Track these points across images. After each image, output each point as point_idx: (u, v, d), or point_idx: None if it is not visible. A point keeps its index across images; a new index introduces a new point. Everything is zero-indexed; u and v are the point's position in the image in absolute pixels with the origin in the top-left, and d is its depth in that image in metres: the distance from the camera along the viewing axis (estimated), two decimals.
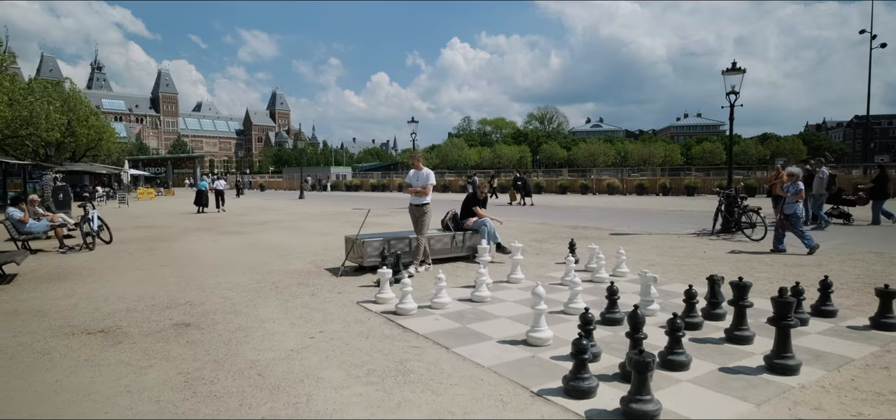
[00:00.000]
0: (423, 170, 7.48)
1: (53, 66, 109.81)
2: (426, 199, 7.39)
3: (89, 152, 42.78)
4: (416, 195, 7.42)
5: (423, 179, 7.42)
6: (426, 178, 7.42)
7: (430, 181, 7.41)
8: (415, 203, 7.47)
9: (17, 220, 9.79)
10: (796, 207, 8.56)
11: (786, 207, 8.65)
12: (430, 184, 7.41)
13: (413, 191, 7.45)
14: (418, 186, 7.41)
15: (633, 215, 17.71)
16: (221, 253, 9.63)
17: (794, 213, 8.57)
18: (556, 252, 9.28)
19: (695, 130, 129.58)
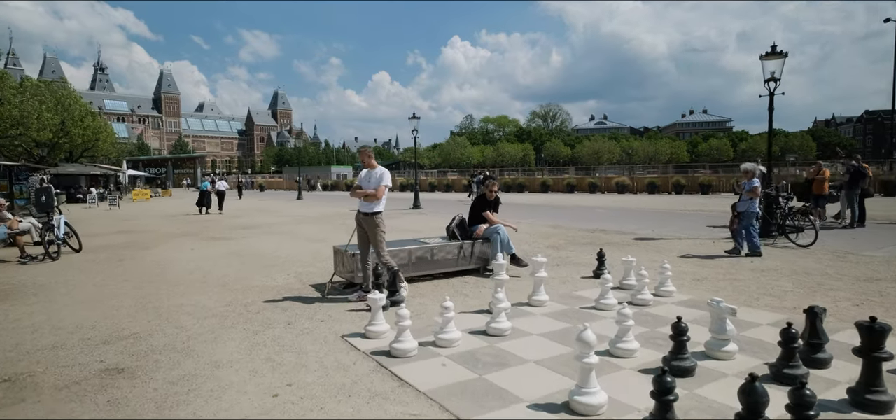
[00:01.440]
0: (377, 169, 5.85)
1: (56, 68, 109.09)
2: (378, 207, 5.70)
3: (87, 152, 41.79)
4: (366, 200, 5.70)
5: (375, 180, 5.78)
6: (379, 178, 5.76)
7: (383, 182, 5.74)
8: (363, 211, 5.73)
9: None
10: (751, 205, 8.17)
11: (739, 205, 8.27)
12: (384, 185, 5.74)
13: (361, 194, 5.73)
14: (369, 189, 5.75)
15: (651, 216, 16.49)
16: (197, 263, 8.50)
17: (748, 210, 8.17)
18: (580, 262, 8.10)
19: (701, 127, 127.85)
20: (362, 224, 5.78)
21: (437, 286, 6.50)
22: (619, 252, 8.96)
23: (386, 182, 5.78)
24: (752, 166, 8.60)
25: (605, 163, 77.44)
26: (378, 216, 5.70)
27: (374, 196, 5.67)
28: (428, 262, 6.74)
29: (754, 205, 8.24)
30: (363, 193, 5.72)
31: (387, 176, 5.83)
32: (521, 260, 7.10)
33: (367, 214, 5.71)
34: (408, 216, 18.00)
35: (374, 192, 5.68)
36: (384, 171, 5.83)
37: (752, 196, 8.20)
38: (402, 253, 6.55)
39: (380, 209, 5.72)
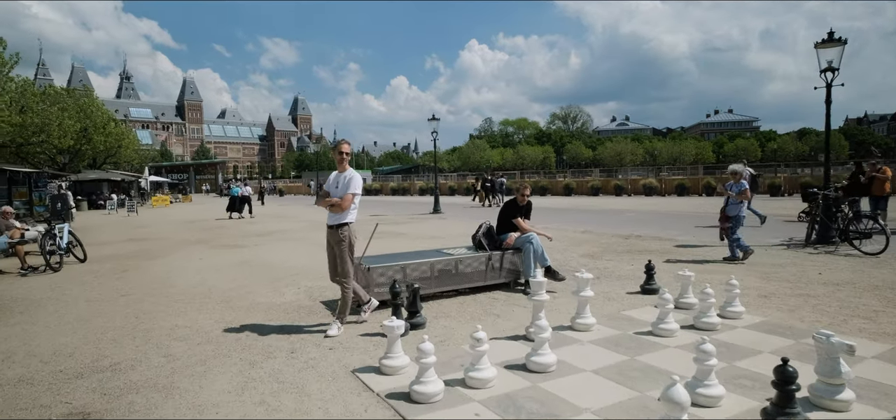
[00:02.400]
0: (347, 171, 4.79)
1: (83, 77, 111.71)
2: (346, 218, 4.69)
3: (110, 159, 42.17)
4: (331, 210, 4.74)
5: (343, 186, 4.74)
6: (348, 184, 4.73)
7: (351, 189, 4.70)
8: (329, 223, 4.79)
9: None
10: (740, 209, 7.84)
11: (729, 209, 7.89)
12: (352, 193, 4.69)
13: (327, 203, 4.73)
14: (336, 197, 4.72)
15: (686, 219, 15.48)
16: (203, 275, 7.90)
17: (737, 215, 7.82)
18: (622, 274, 7.26)
19: (726, 127, 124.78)
20: (330, 240, 4.82)
21: (463, 303, 5.75)
22: (662, 261, 8.09)
23: (354, 189, 4.72)
24: (740, 168, 8.22)
25: (628, 165, 75.82)
26: (344, 229, 4.71)
27: (340, 206, 4.70)
28: (452, 275, 6.00)
29: (743, 208, 7.96)
30: (328, 202, 4.73)
31: (357, 181, 4.80)
32: (557, 273, 6.31)
33: (334, 227, 4.75)
34: (428, 222, 17.29)
35: (340, 201, 4.71)
36: (355, 174, 4.83)
37: (742, 198, 7.88)
38: (423, 266, 5.81)
39: (348, 219, 4.76)
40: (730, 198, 7.95)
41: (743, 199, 7.91)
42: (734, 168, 8.24)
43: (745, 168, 8.48)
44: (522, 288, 6.28)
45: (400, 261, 5.82)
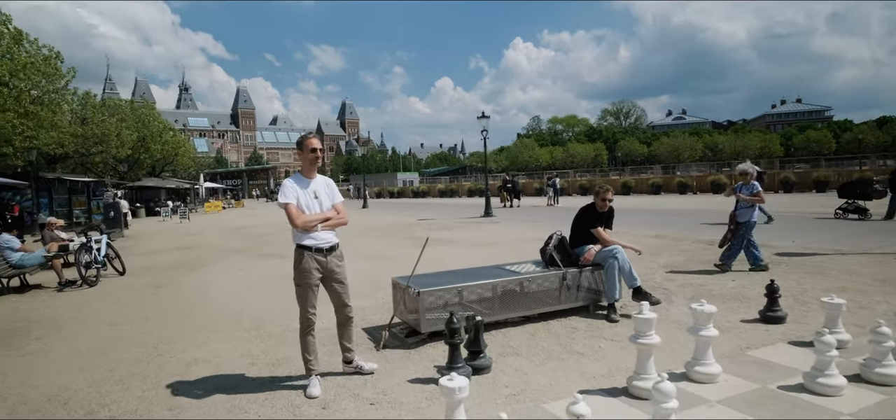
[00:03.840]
0: (316, 177, 3.80)
1: (146, 90, 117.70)
2: (300, 238, 3.67)
3: (168, 167, 43.60)
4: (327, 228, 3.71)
5: (331, 194, 3.83)
6: (334, 192, 3.89)
7: (280, 199, 3.69)
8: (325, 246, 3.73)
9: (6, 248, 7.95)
10: (751, 214, 7.11)
11: (739, 214, 7.17)
12: (280, 201, 3.68)
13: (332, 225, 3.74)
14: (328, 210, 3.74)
15: (779, 221, 13.73)
16: (238, 292, 7.20)
17: (749, 221, 7.09)
18: (724, 294, 6.00)
19: (795, 118, 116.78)
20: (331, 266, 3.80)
21: (534, 334, 4.70)
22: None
23: (282, 198, 3.67)
24: (749, 167, 7.43)
25: (687, 160, 72.00)
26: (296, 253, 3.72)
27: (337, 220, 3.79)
28: (518, 297, 4.96)
29: (755, 213, 7.20)
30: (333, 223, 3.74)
31: (334, 189, 3.90)
32: (650, 295, 5.14)
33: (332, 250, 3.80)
34: (479, 226, 16.25)
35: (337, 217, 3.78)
36: (329, 182, 3.89)
37: (756, 202, 7.12)
38: (483, 287, 4.80)
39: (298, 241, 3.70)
40: (739, 201, 7.21)
41: (756, 202, 7.15)
42: (743, 168, 7.47)
43: (753, 167, 7.59)
44: (604, 313, 5.16)
45: (455, 282, 4.83)
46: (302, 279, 3.67)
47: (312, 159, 3.74)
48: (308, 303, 3.72)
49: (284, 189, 3.67)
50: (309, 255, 3.63)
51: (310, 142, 3.76)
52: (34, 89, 18.31)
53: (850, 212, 13.01)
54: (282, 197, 3.65)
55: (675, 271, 7.43)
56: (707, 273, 7.17)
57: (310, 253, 3.63)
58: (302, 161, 3.80)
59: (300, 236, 3.64)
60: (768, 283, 4.88)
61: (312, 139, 3.78)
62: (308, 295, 3.70)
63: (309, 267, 3.64)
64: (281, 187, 3.75)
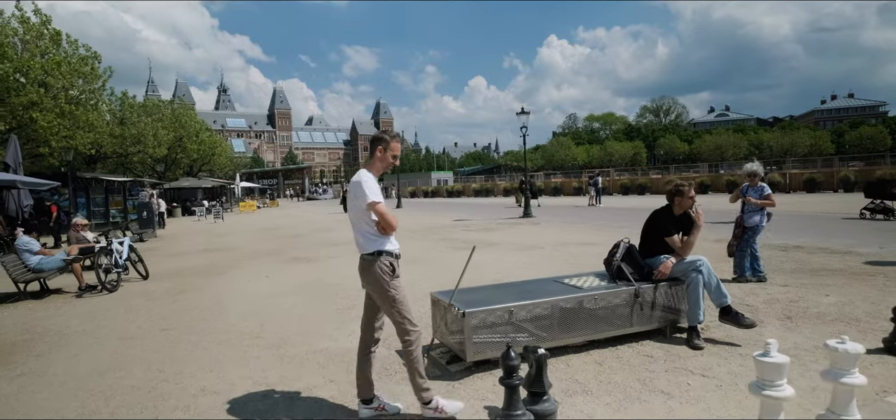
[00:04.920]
0: (360, 174, 3.08)
1: (185, 92, 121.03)
2: (387, 244, 3.07)
3: (205, 166, 44.24)
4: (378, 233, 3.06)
5: (358, 192, 3.03)
6: (360, 190, 3.01)
7: (369, 196, 2.98)
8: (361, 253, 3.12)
9: (25, 250, 7.60)
10: (760, 219, 6.60)
11: (746, 218, 6.63)
12: (368, 200, 2.97)
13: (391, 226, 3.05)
14: (366, 201, 2.98)
15: (842, 222, 12.40)
16: (261, 302, 6.60)
17: (756, 225, 6.58)
18: (823, 312, 5.01)
19: (847, 114, 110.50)
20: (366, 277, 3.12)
21: (602, 364, 3.87)
22: (865, 290, 5.65)
23: (372, 196, 2.98)
24: (757, 167, 6.82)
25: (730, 159, 68.94)
26: (382, 258, 3.05)
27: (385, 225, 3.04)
28: (581, 317, 4.13)
29: (764, 218, 6.65)
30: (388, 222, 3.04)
31: (372, 185, 3.03)
32: (742, 316, 4.23)
33: (368, 257, 3.08)
34: (520, 227, 15.37)
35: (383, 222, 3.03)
36: (367, 178, 3.05)
37: (766, 205, 6.62)
38: (540, 306, 4.00)
39: (388, 246, 3.08)
40: (746, 204, 6.68)
41: (765, 206, 6.63)
42: (751, 168, 6.83)
43: (761, 167, 6.85)
44: (684, 337, 4.29)
45: (508, 299, 4.04)
46: (398, 285, 3.12)
47: (389, 164, 3.20)
48: (410, 310, 3.16)
49: (369, 184, 3.04)
50: (392, 260, 3.11)
51: (396, 145, 3.21)
52: (71, 89, 18.50)
53: (878, 212, 12.83)
54: (371, 193, 3.01)
55: (750, 281, 6.43)
56: (794, 284, 6.16)
57: (392, 258, 3.11)
58: (378, 160, 3.18)
59: (382, 240, 3.08)
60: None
61: (398, 143, 3.24)
62: (408, 301, 3.16)
63: (397, 273, 3.14)
64: (364, 183, 3.04)
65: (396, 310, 3.06)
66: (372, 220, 3.03)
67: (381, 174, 3.26)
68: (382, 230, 3.04)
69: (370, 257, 3.05)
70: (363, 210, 3.01)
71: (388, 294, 3.05)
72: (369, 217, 3.02)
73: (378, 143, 3.17)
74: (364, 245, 3.08)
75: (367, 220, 3.03)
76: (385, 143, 3.15)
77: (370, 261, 3.05)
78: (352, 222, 3.18)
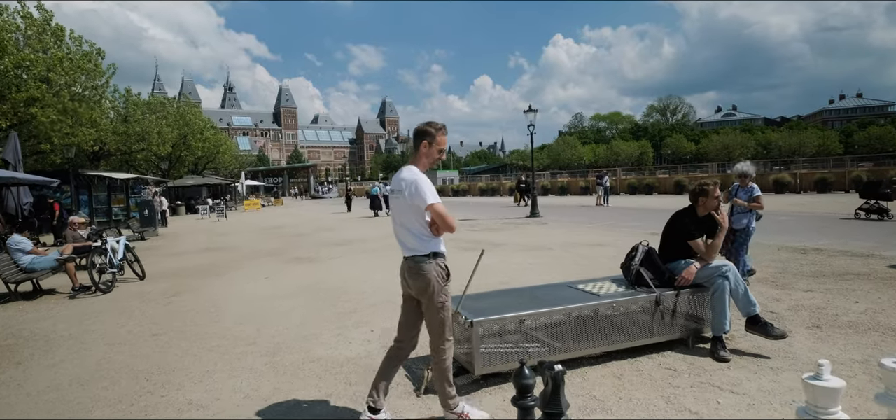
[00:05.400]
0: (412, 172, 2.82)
1: (192, 90, 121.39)
2: (436, 245, 2.83)
3: (209, 164, 44.14)
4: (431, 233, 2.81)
5: (413, 191, 2.75)
6: (416, 189, 2.74)
7: (428, 197, 2.71)
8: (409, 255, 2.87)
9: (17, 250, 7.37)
10: (749, 221, 6.38)
11: (736, 220, 6.39)
12: (428, 201, 2.71)
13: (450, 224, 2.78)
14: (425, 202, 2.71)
15: (858, 224, 12.01)
16: (259, 305, 6.34)
17: (745, 228, 6.37)
18: (852, 321, 4.69)
19: (855, 114, 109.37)
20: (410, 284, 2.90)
21: (621, 378, 3.57)
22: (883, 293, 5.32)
23: (427, 196, 2.71)
24: (749, 167, 6.63)
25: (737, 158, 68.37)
26: (430, 263, 2.80)
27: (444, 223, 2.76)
28: (596, 326, 3.83)
29: (752, 220, 6.45)
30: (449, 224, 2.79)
31: (425, 185, 2.74)
32: (771, 326, 3.91)
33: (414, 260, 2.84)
34: (527, 227, 15.06)
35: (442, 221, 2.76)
36: (418, 176, 2.78)
37: (755, 207, 6.40)
38: (555, 314, 3.70)
39: (436, 249, 2.83)
40: (736, 206, 6.46)
41: (755, 208, 6.40)
42: (742, 169, 6.63)
43: (752, 167, 6.68)
44: (708, 347, 3.98)
45: (519, 306, 3.75)
46: (447, 296, 2.90)
47: (436, 159, 2.94)
48: (451, 320, 2.97)
49: (426, 184, 2.78)
50: (446, 263, 2.91)
51: (443, 139, 2.93)
52: (74, 86, 18.33)
53: (872, 212, 12.98)
54: (429, 194, 2.74)
55: (773, 284, 6.11)
56: (817, 289, 5.83)
57: (444, 260, 2.91)
58: (423, 156, 2.90)
59: (436, 242, 2.87)
60: None
61: (445, 137, 2.96)
62: (450, 312, 2.95)
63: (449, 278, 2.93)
64: (419, 182, 2.78)
65: (441, 318, 2.87)
66: (425, 220, 2.80)
67: None
68: (437, 231, 2.81)
69: (424, 259, 2.82)
70: (417, 210, 2.78)
71: (437, 299, 2.84)
72: (423, 216, 2.79)
73: (422, 137, 2.90)
74: (416, 246, 2.84)
75: (421, 219, 2.80)
76: (430, 137, 2.88)
77: (423, 263, 2.82)
78: (398, 222, 2.91)
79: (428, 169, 2.92)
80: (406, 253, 2.88)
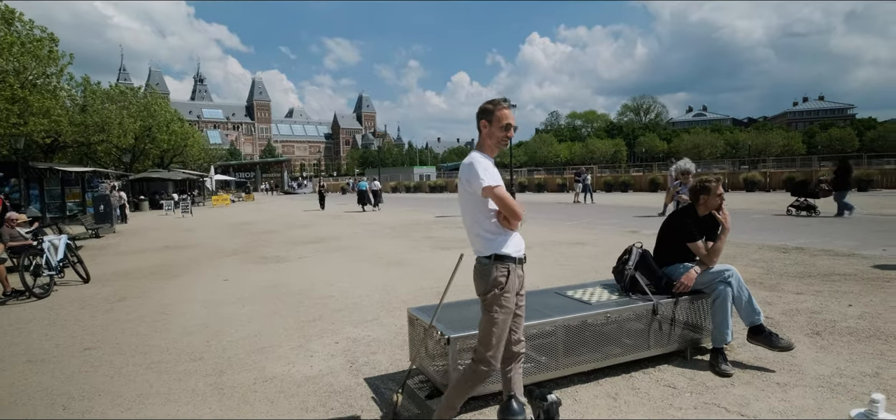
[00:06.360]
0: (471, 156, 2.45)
1: (159, 80, 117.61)
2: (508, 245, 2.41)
3: (176, 158, 42.54)
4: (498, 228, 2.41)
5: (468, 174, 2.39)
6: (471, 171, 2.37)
7: (484, 179, 2.32)
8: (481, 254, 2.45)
9: None
10: None
11: None
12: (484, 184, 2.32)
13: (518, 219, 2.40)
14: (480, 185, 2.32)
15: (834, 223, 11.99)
16: (214, 309, 5.75)
17: None
18: (850, 326, 4.40)
19: (817, 116, 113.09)
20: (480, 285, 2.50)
21: (617, 398, 3.16)
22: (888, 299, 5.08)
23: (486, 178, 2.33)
24: (690, 166, 6.65)
25: (708, 158, 69.71)
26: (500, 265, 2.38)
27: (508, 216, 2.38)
28: (587, 338, 3.41)
29: None
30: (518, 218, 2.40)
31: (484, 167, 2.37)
32: (776, 336, 3.56)
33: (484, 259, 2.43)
34: None
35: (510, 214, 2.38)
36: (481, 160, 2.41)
37: None
38: (543, 326, 3.26)
39: (510, 250, 2.40)
40: (681, 202, 6.24)
41: None
42: (683, 166, 6.69)
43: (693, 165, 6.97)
44: (709, 360, 3.61)
45: None
46: (508, 303, 2.41)
47: (502, 138, 2.47)
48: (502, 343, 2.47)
49: (483, 164, 2.38)
50: (513, 267, 2.41)
51: (504, 113, 2.46)
52: (24, 73, 17.13)
53: (802, 209, 13.69)
54: (486, 175, 2.33)
55: (761, 286, 5.82)
56: (806, 292, 5.55)
57: (514, 264, 2.42)
58: (485, 138, 2.49)
59: (501, 240, 2.40)
60: None
61: (507, 109, 2.49)
62: (509, 323, 2.47)
63: (514, 286, 2.42)
64: (476, 163, 2.38)
65: (491, 332, 2.39)
66: (491, 212, 2.38)
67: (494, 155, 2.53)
68: (504, 223, 2.38)
69: (485, 261, 2.39)
70: (475, 198, 2.36)
71: (494, 310, 2.39)
72: (485, 207, 2.37)
73: (480, 118, 2.48)
74: (479, 246, 2.44)
75: (483, 210, 2.38)
76: (488, 116, 2.44)
77: (485, 266, 2.39)
78: (466, 217, 2.51)
79: (495, 153, 2.51)
80: (476, 254, 2.47)
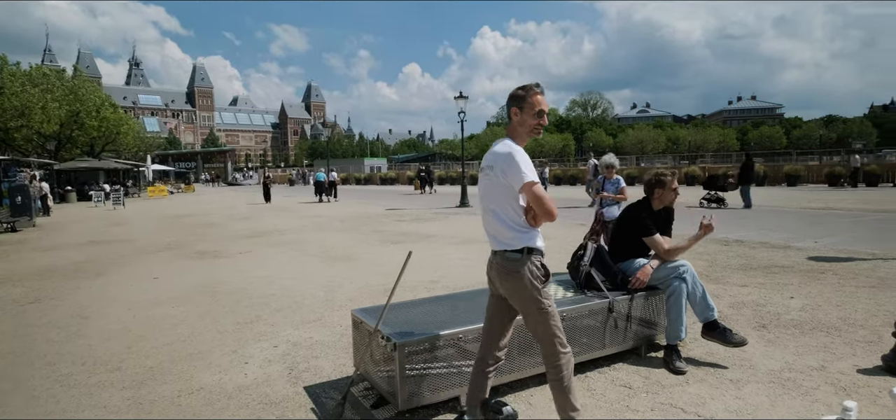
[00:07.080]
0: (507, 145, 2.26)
1: (90, 63, 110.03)
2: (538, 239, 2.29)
3: (108, 146, 39.85)
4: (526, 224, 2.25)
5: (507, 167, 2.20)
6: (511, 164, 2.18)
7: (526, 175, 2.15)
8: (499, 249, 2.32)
9: None
10: (617, 211, 6.22)
11: (605, 212, 6.48)
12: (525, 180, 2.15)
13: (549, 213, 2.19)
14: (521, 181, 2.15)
15: (768, 214, 12.58)
16: (140, 310, 5.25)
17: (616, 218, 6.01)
18: (793, 318, 4.48)
19: (750, 114, 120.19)
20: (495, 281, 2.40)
21: None
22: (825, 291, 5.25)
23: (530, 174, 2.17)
24: (614, 160, 6.79)
25: (650, 153, 72.56)
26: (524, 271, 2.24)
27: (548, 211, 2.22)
28: None
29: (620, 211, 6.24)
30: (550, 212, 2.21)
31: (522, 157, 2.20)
32: (731, 332, 3.53)
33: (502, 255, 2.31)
34: (457, 218, 14.53)
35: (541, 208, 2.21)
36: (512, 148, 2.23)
37: (621, 199, 6.51)
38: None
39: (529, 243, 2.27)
40: (603, 198, 6.58)
41: (621, 200, 6.52)
42: (608, 161, 6.79)
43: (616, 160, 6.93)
44: (662, 357, 3.55)
45: (451, 319, 3.08)
46: (549, 297, 2.32)
47: (534, 126, 2.32)
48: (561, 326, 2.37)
49: (523, 159, 2.20)
50: (543, 261, 2.32)
51: (537, 98, 2.30)
52: None
53: (713, 201, 14.74)
54: (527, 171, 2.17)
55: (705, 279, 5.91)
56: (748, 282, 5.68)
57: (543, 258, 2.33)
58: (516, 126, 2.33)
59: (532, 234, 2.29)
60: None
61: (541, 95, 2.34)
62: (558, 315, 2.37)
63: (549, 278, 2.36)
64: (516, 155, 2.20)
65: (547, 325, 2.29)
66: (520, 206, 2.23)
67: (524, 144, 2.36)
68: (534, 220, 2.24)
69: (516, 255, 2.25)
70: (511, 191, 2.21)
71: (539, 305, 2.27)
72: (517, 201, 2.23)
73: (511, 104, 2.33)
74: (508, 239, 2.27)
75: (515, 204, 2.24)
76: (519, 102, 2.29)
77: (516, 260, 2.25)
78: (487, 208, 2.34)
79: (527, 141, 2.35)
80: (495, 246, 2.33)
